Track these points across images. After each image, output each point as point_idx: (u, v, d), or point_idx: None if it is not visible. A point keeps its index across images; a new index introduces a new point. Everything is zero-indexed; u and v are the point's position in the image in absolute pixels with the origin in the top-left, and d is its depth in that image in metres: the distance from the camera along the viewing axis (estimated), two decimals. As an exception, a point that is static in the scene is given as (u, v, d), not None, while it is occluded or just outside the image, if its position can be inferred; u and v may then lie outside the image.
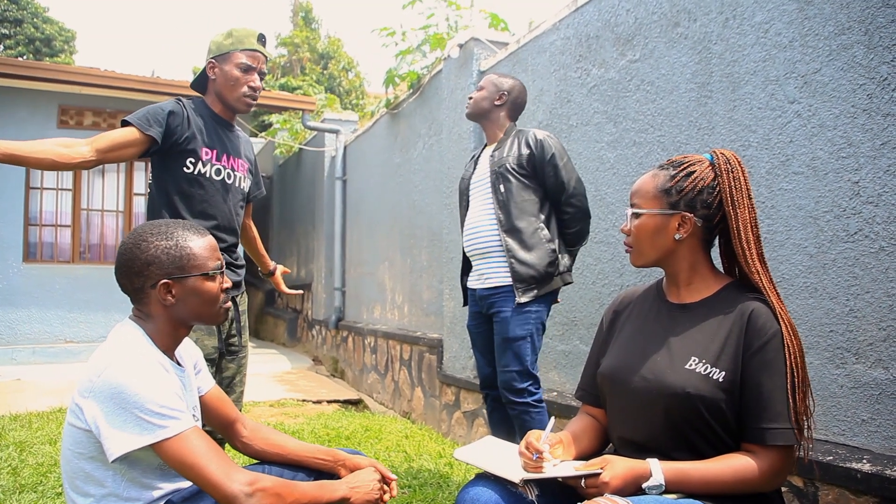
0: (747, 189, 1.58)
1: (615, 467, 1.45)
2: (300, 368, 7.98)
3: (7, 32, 20.09)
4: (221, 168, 2.55)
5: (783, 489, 2.28)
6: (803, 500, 2.29)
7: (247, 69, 2.53)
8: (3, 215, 7.87)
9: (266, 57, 2.61)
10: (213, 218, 2.51)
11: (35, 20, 20.31)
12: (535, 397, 2.84)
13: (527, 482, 1.54)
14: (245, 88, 2.54)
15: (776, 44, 2.56)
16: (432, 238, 5.47)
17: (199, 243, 1.64)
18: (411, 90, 5.97)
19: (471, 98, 3.09)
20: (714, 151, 1.64)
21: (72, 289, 8.15)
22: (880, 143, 2.20)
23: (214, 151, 2.53)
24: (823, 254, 2.38)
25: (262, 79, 2.59)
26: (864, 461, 2.12)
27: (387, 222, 6.60)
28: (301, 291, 3.05)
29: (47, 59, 19.28)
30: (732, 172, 1.59)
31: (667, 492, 1.43)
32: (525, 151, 2.89)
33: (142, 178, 8.78)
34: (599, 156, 3.51)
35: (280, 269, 3.11)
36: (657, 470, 1.44)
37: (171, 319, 1.62)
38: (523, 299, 2.81)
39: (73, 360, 7.89)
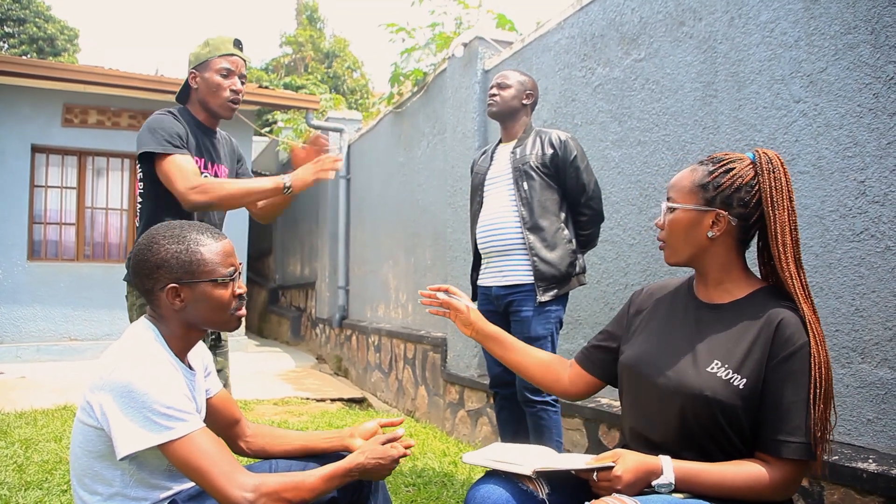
0: (788, 191, 1.53)
1: (627, 461, 1.44)
2: (304, 367, 7.99)
3: (10, 31, 20.14)
4: (208, 176, 2.60)
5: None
6: (808, 499, 2.29)
7: (227, 74, 2.57)
8: (8, 213, 7.88)
9: (245, 61, 2.65)
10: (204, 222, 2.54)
11: (38, 19, 20.35)
12: (553, 396, 2.85)
13: (538, 477, 1.53)
14: (227, 93, 2.58)
15: (782, 43, 2.56)
16: (436, 237, 5.47)
17: (211, 248, 1.60)
18: (416, 89, 5.98)
19: (495, 96, 3.03)
20: (756, 150, 1.59)
21: (76, 287, 8.16)
22: (886, 142, 2.20)
23: (203, 160, 2.58)
24: (829, 253, 2.37)
25: (242, 83, 2.62)
26: (870, 461, 2.12)
27: (391, 221, 6.61)
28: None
29: (50, 57, 19.31)
30: (774, 173, 1.53)
31: (675, 491, 1.43)
32: (549, 151, 2.89)
33: (146, 177, 8.78)
34: (604, 155, 3.51)
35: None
36: (668, 468, 1.44)
37: (181, 323, 1.61)
38: (544, 298, 2.82)
39: (77, 357, 7.91)
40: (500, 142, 3.13)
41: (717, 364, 1.50)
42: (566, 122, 3.80)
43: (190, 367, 1.68)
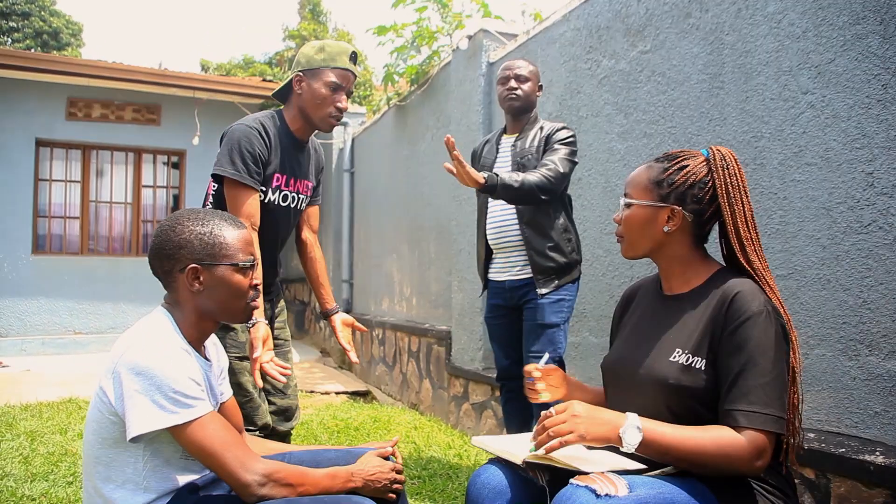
0: (743, 186, 1.59)
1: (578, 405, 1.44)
2: (308, 360, 8.00)
3: (15, 25, 20.12)
4: (288, 193, 2.51)
5: (795, 481, 2.27)
6: (815, 492, 2.28)
7: (336, 88, 2.42)
8: (13, 207, 7.90)
9: (356, 76, 2.50)
10: (270, 245, 2.50)
11: (42, 13, 20.33)
12: None
13: (537, 469, 1.54)
14: (332, 109, 2.43)
15: (789, 34, 2.54)
16: (440, 230, 5.46)
17: (233, 234, 1.64)
18: (418, 83, 5.96)
19: (516, 90, 2.97)
20: (711, 148, 1.64)
21: (80, 280, 8.19)
22: (895, 133, 2.19)
23: (285, 177, 2.48)
24: (836, 245, 2.36)
25: (348, 97, 2.48)
26: (878, 453, 2.11)
27: (395, 214, 6.60)
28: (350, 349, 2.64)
29: (55, 51, 19.31)
30: (728, 169, 1.59)
31: (642, 445, 1.41)
32: (542, 138, 2.92)
33: (150, 171, 8.81)
34: (609, 147, 3.49)
35: (343, 317, 2.71)
36: (633, 416, 1.43)
37: (196, 309, 1.62)
38: (544, 290, 2.85)
39: (81, 351, 7.94)
40: (504, 132, 3.13)
41: (678, 352, 1.54)
42: (571, 115, 3.79)
43: (206, 359, 1.70)
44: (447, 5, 5.61)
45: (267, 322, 2.60)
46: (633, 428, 1.41)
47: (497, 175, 2.62)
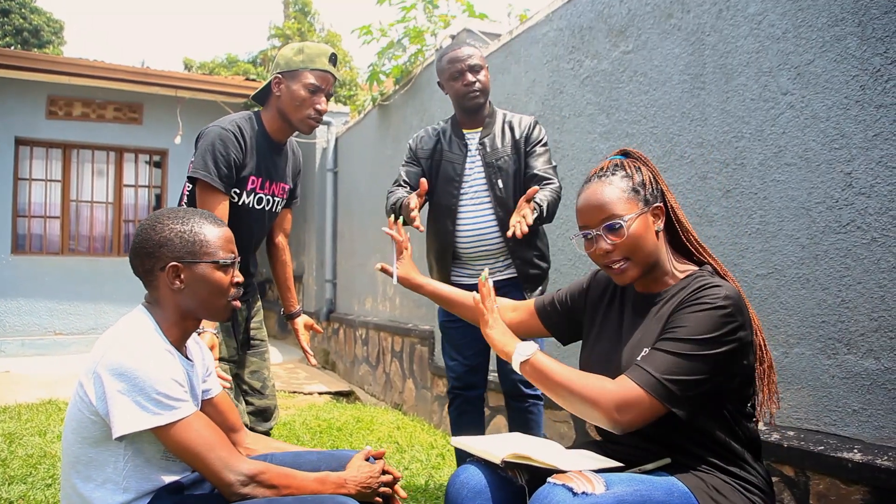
0: None
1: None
2: (291, 360, 7.97)
3: (-6, 22, 19.91)
4: (263, 196, 2.50)
5: (774, 479, 2.29)
6: (794, 489, 2.30)
7: (315, 90, 2.42)
8: (-8, 206, 7.82)
9: (335, 78, 2.49)
10: (244, 247, 2.42)
11: (23, 10, 20.12)
12: (541, 391, 2.77)
13: (515, 469, 1.55)
14: (311, 111, 2.43)
15: (769, 35, 2.56)
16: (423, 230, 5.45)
17: (213, 232, 1.65)
18: (402, 83, 5.95)
19: (474, 83, 2.73)
20: (625, 150, 1.70)
21: (61, 280, 8.10)
22: (873, 134, 2.21)
23: (260, 179, 2.47)
24: (815, 245, 2.38)
25: (328, 100, 2.49)
26: (855, 451, 2.13)
27: (378, 214, 6.57)
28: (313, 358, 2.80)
29: (35, 49, 19.11)
30: (650, 163, 1.67)
31: (529, 364, 1.56)
32: (517, 137, 2.77)
33: (131, 170, 8.74)
34: (592, 147, 3.50)
35: (305, 319, 2.83)
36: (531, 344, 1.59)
37: (178, 307, 1.62)
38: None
39: (62, 351, 7.86)
40: (459, 124, 2.86)
41: (646, 351, 1.53)
42: (554, 115, 3.80)
43: (188, 359, 1.69)
44: (436, 5, 5.61)
45: (242, 324, 2.59)
46: (532, 345, 1.58)
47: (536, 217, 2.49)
